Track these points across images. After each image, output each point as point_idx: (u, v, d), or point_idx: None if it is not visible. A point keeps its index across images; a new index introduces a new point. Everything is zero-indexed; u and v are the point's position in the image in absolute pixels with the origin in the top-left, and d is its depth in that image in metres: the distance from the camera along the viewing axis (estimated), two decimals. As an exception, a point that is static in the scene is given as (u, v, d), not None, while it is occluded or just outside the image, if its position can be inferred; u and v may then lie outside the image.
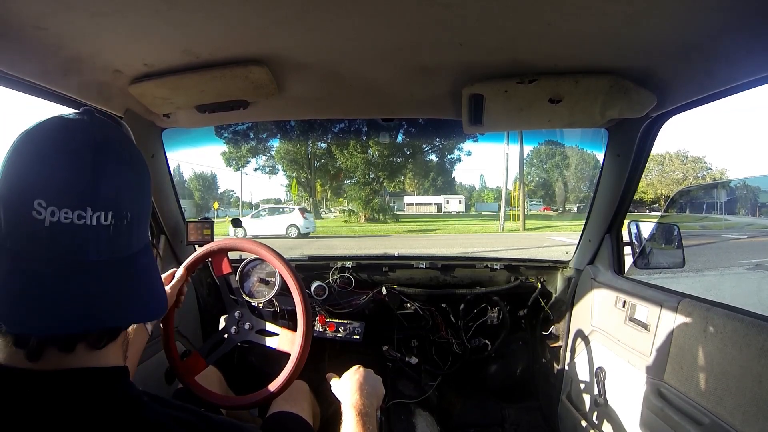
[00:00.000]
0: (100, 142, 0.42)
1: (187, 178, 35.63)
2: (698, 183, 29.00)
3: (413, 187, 31.49)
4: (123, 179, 0.43)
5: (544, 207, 30.32)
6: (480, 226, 19.15)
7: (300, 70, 0.99)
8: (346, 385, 0.79)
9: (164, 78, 0.96)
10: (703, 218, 13.79)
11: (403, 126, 1.91)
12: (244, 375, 1.57)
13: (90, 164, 0.40)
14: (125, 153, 0.44)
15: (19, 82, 0.83)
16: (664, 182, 30.42)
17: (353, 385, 0.78)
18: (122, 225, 0.41)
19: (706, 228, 12.10)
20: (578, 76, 0.98)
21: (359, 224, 19.78)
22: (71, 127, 0.42)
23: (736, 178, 30.73)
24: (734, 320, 0.84)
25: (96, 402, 0.40)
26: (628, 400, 1.17)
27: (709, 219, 13.63)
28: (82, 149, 0.40)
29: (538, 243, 11.74)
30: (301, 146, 19.93)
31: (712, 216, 13.79)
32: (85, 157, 0.40)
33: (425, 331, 1.69)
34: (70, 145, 0.40)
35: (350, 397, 0.75)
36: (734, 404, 0.81)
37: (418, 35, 0.82)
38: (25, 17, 0.69)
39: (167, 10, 0.69)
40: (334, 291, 1.59)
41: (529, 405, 1.77)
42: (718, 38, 0.77)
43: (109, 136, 0.43)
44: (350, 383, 0.78)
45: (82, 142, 0.41)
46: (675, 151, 31.09)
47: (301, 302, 0.99)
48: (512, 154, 18.44)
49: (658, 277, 4.23)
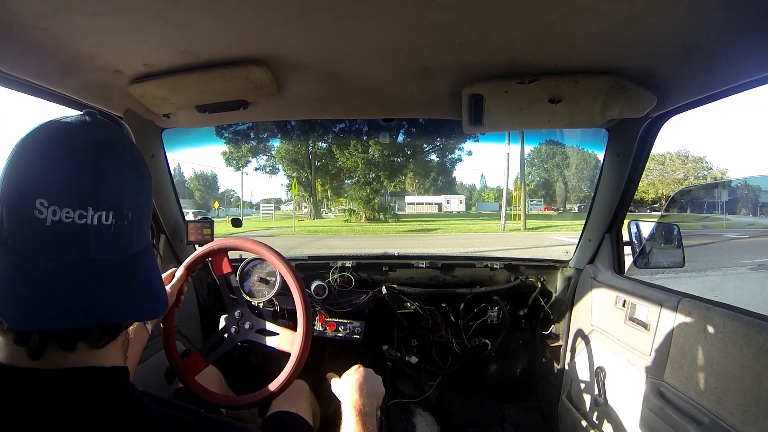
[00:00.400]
0: (102, 143, 0.42)
1: (188, 178, 35.63)
2: (699, 183, 28.91)
3: (414, 186, 31.45)
4: (124, 179, 0.43)
5: (544, 207, 30.30)
6: (481, 226, 19.12)
7: (300, 70, 0.99)
8: (346, 385, 0.79)
9: (164, 78, 0.96)
10: (704, 218, 13.74)
11: (404, 126, 1.91)
12: (244, 375, 1.57)
13: (91, 164, 0.40)
14: (126, 154, 0.44)
15: (19, 82, 0.83)
16: (665, 182, 30.33)
17: (353, 384, 0.78)
18: (123, 225, 0.42)
19: (707, 228, 12.06)
20: (578, 76, 0.98)
21: (360, 224, 19.77)
22: (73, 128, 0.42)
23: (737, 177, 30.53)
24: (734, 320, 0.84)
25: (96, 402, 0.41)
26: (628, 400, 1.17)
27: (710, 219, 13.57)
28: (84, 150, 0.41)
29: (539, 242, 11.73)
30: (301, 146, 19.94)
31: (713, 216, 13.72)
32: (86, 157, 0.40)
33: (425, 330, 1.69)
34: (72, 146, 0.41)
35: (350, 397, 0.75)
36: (734, 404, 0.81)
37: (418, 35, 0.82)
38: (25, 17, 0.69)
39: (167, 10, 0.69)
40: (334, 290, 1.59)
41: (529, 405, 1.77)
42: (718, 38, 0.77)
43: (110, 137, 0.43)
44: (350, 383, 0.78)
45: (83, 143, 0.41)
46: (676, 151, 31.07)
47: (301, 302, 0.99)
48: (513, 154, 18.43)
49: (660, 277, 4.22)
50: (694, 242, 8.42)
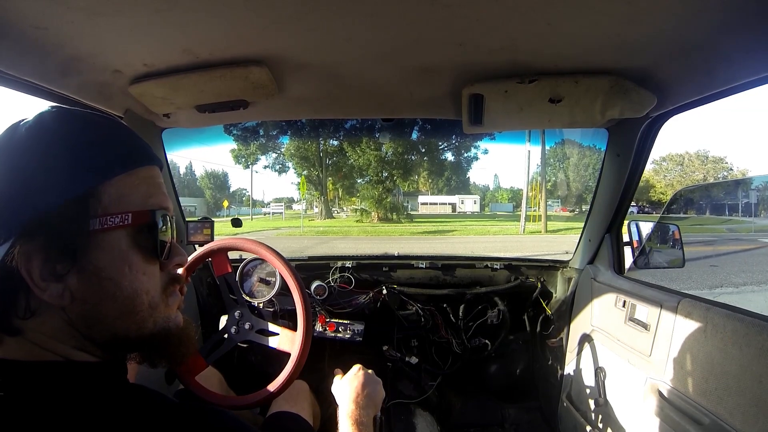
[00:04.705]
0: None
1: (198, 177, 35.48)
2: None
3: (427, 186, 31.12)
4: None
5: (561, 207, 29.84)
6: (499, 228, 18.60)
7: (300, 70, 0.99)
8: (345, 391, 0.79)
9: (164, 78, 0.96)
10: (729, 220, 12.71)
11: (418, 123, 1.85)
12: (244, 375, 1.57)
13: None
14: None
15: (18, 82, 0.83)
16: (684, 183, 29.76)
17: (351, 392, 0.78)
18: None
19: (736, 231, 11.16)
20: (578, 76, 0.98)
21: (372, 224, 19.43)
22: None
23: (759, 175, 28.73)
24: (734, 320, 0.84)
25: (100, 390, 0.41)
26: (628, 400, 1.17)
27: (736, 222, 12.50)
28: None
29: (571, 248, 10.62)
30: (312, 143, 19.50)
31: (737, 219, 12.53)
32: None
33: (425, 330, 1.69)
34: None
35: (347, 406, 0.75)
36: (734, 404, 0.81)
37: (418, 35, 0.82)
38: (25, 17, 0.69)
39: (167, 10, 0.69)
40: (335, 291, 1.59)
41: (529, 405, 1.77)
42: (718, 38, 0.77)
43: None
44: (348, 389, 0.78)
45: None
46: (695, 151, 30.19)
47: (302, 302, 0.99)
48: (532, 154, 17.96)
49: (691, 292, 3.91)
50: (727, 249, 7.61)
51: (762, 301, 4.76)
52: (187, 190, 33.90)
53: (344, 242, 13.00)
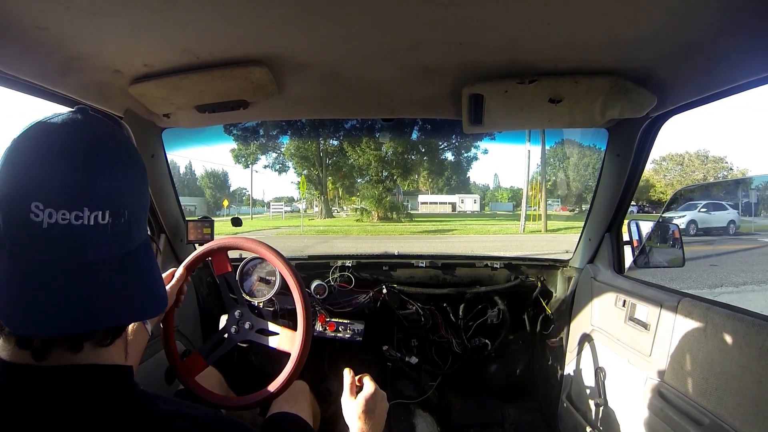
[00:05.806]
0: (94, 142, 0.42)
1: (198, 176, 35.44)
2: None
3: (427, 185, 31.08)
4: (118, 177, 0.42)
5: (561, 207, 29.76)
6: (499, 227, 18.50)
7: (300, 70, 0.99)
8: (353, 413, 0.76)
9: (164, 78, 0.96)
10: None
11: (418, 123, 1.85)
12: (244, 375, 1.57)
13: (84, 163, 0.40)
14: (120, 150, 0.44)
15: (18, 82, 0.83)
16: (684, 183, 29.66)
17: (367, 417, 0.75)
18: (120, 223, 0.42)
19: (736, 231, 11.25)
20: (578, 76, 0.98)
21: (372, 223, 19.37)
22: (65, 127, 0.42)
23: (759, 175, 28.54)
24: (734, 320, 0.84)
25: (105, 397, 0.41)
26: (628, 400, 1.17)
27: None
28: (76, 150, 0.40)
29: (571, 248, 10.63)
30: (312, 143, 19.34)
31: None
32: (79, 157, 0.40)
33: (425, 330, 1.69)
34: (65, 146, 0.40)
35: (358, 426, 0.73)
36: (734, 404, 0.81)
37: (418, 35, 0.82)
38: (25, 17, 0.69)
39: (167, 10, 0.69)
40: (334, 290, 1.59)
41: (529, 405, 1.77)
42: (718, 38, 0.77)
43: (102, 135, 0.43)
44: (358, 410, 0.75)
45: (75, 143, 0.41)
46: (695, 150, 30.40)
47: (301, 301, 0.99)
48: (532, 153, 17.89)
49: (691, 291, 3.93)
50: (727, 248, 7.52)
51: (762, 300, 4.76)
52: (187, 190, 33.86)
53: (344, 241, 12.93)
